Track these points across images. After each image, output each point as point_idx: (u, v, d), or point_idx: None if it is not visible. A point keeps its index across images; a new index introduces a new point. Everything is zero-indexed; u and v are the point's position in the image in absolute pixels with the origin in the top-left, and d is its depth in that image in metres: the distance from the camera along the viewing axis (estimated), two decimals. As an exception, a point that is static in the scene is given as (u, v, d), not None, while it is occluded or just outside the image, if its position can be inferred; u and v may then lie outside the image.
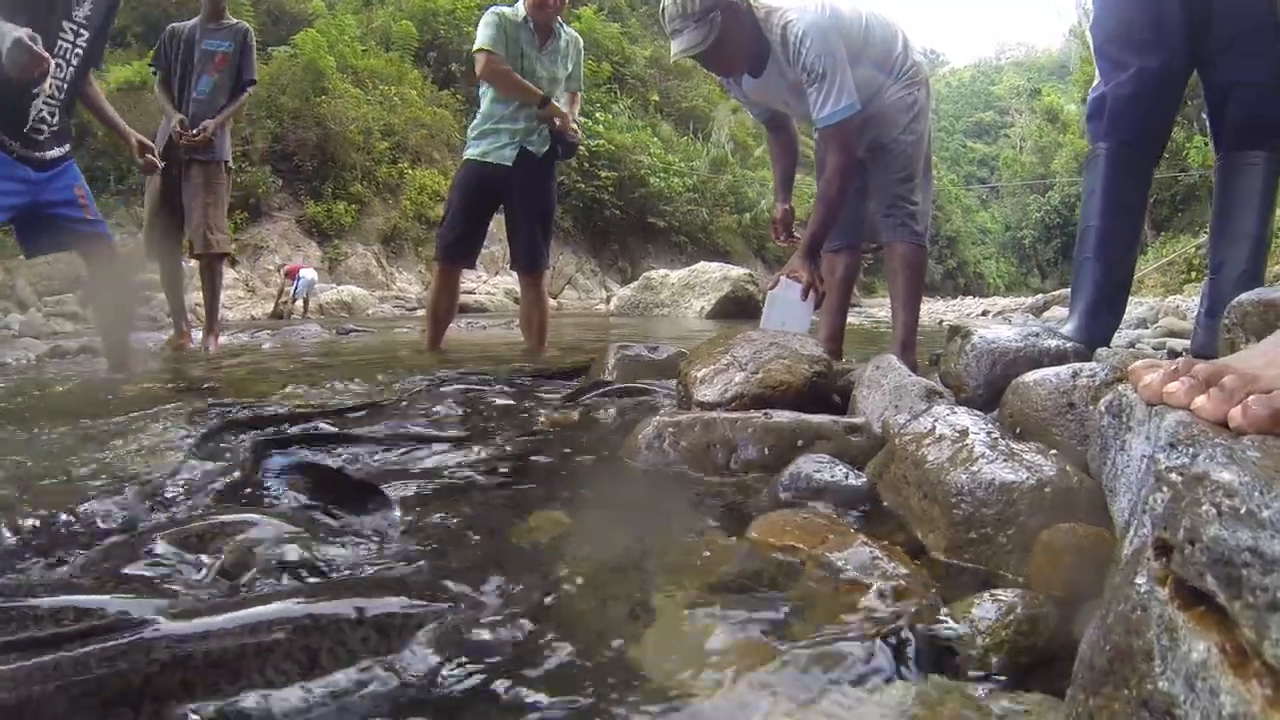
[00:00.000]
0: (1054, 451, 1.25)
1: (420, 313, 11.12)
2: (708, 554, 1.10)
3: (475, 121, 4.30)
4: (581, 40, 4.50)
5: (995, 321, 11.07)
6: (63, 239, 3.33)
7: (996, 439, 1.26)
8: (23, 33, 2.74)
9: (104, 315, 3.72)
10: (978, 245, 61.44)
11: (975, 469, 1.17)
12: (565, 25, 4.37)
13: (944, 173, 59.23)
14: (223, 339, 5.45)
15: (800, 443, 1.57)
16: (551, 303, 17.65)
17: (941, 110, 74.09)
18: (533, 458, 1.75)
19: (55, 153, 3.24)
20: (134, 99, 16.28)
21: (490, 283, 16.54)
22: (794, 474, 1.39)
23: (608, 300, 17.38)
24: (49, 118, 3.17)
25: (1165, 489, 0.71)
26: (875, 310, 14.16)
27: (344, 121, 18.79)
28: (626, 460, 1.66)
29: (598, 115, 23.59)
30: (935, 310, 16.41)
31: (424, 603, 0.90)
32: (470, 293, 14.57)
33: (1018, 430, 1.45)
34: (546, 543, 1.21)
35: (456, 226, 4.28)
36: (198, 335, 5.22)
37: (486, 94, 4.23)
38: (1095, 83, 2.56)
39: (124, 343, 3.63)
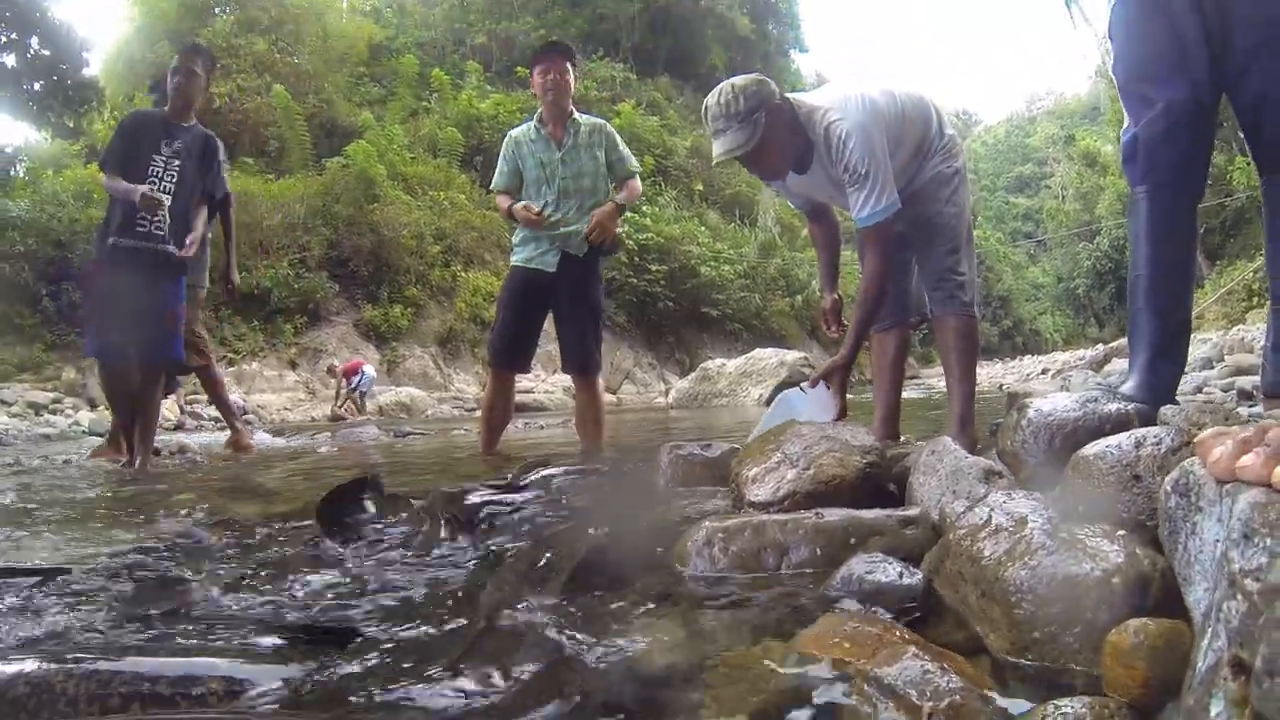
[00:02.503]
0: (1122, 533, 1.17)
1: (479, 413, 11.26)
2: (754, 670, 1.06)
3: (517, 230, 4.37)
4: (608, 125, 4.51)
5: (1055, 381, 10.81)
6: None
7: (1057, 526, 1.19)
8: (144, 188, 4.15)
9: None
10: (1031, 301, 60.51)
11: (1035, 563, 1.10)
12: (588, 114, 4.44)
13: (989, 231, 58.85)
14: (279, 440, 5.58)
15: (853, 540, 1.51)
16: (610, 398, 17.77)
17: (980, 169, 73.91)
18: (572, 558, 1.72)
19: (170, 249, 4.35)
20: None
21: (549, 381, 16.67)
22: (846, 576, 1.34)
23: (666, 393, 17.40)
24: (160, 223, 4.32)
25: (1240, 598, 0.64)
26: (935, 380, 13.93)
27: (396, 227, 19.41)
28: (676, 566, 1.61)
29: (644, 209, 23.97)
30: (994, 374, 16.13)
31: None
32: (528, 392, 14.71)
33: (1081, 509, 1.37)
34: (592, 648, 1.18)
35: (506, 332, 4.35)
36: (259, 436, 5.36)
37: None
38: (1126, 124, 2.47)
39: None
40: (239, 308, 15.89)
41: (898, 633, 1.07)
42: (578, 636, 1.25)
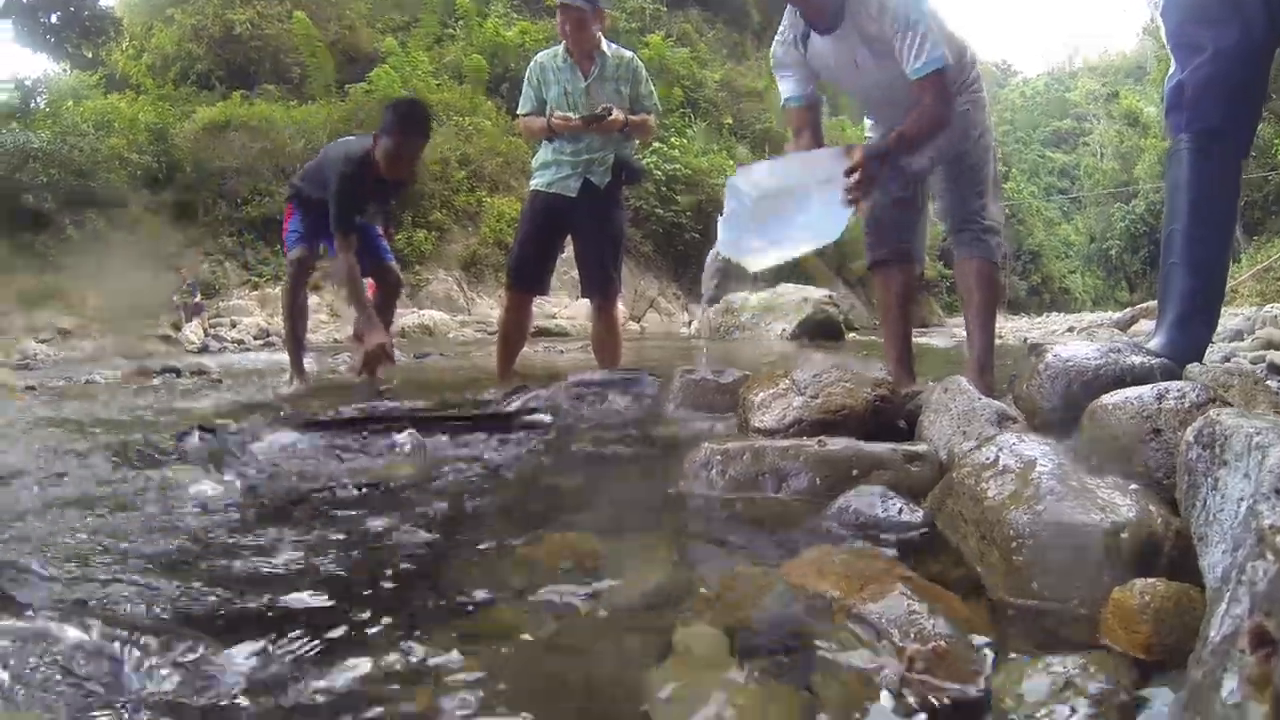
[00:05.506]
0: (1135, 487, 1.10)
1: (499, 335, 11.29)
2: (735, 595, 1.02)
3: (539, 154, 4.30)
4: (637, 60, 4.39)
5: (1079, 338, 10.66)
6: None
7: (1067, 472, 1.12)
8: (386, 339, 4.28)
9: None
10: (1062, 259, 59.45)
11: (1040, 508, 1.04)
12: (617, 46, 4.32)
13: (1023, 185, 57.50)
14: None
15: (855, 472, 1.46)
16: (634, 326, 17.67)
17: (1017, 120, 71.97)
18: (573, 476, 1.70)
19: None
20: (219, 137, 17.32)
21: (570, 308, 16.61)
22: (842, 507, 1.29)
23: (689, 324, 17.34)
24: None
25: (1270, 556, 0.56)
26: (958, 329, 13.77)
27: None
28: (675, 486, 1.58)
29: (673, 140, 23.62)
30: (1020, 328, 15.95)
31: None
32: (551, 317, 14.70)
33: (1095, 460, 1.29)
34: (578, 567, 1.17)
35: (524, 253, 4.30)
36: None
37: None
38: (1171, 70, 2.33)
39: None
40: (262, 233, 15.97)
41: (889, 568, 1.02)
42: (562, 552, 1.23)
